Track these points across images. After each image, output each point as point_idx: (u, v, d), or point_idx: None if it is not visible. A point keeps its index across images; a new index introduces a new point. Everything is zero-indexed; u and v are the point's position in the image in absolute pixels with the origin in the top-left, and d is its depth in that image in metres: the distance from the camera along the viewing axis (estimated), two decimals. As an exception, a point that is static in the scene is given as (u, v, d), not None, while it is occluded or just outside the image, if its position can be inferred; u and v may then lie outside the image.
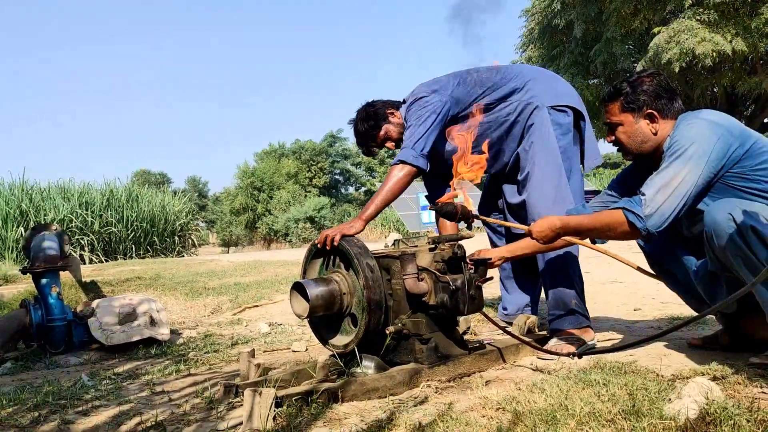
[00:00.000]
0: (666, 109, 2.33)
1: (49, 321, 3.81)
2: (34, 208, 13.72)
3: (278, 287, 6.05)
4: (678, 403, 1.65)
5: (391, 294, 2.53)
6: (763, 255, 1.98)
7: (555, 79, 3.14)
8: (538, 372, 2.45)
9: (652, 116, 2.33)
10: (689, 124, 2.21)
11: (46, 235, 4.20)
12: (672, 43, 13.03)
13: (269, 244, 32.73)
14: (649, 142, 2.35)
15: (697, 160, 2.11)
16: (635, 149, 2.40)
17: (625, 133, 2.39)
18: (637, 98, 2.33)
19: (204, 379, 2.79)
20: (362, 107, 3.21)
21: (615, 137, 2.43)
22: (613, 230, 2.24)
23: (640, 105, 2.33)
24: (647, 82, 2.34)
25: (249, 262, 8.69)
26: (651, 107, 2.32)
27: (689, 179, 2.12)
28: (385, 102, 3.18)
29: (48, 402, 2.51)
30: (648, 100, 2.32)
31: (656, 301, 4.06)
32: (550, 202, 2.89)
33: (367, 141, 3.21)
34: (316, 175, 39.71)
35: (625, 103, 2.35)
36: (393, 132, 3.14)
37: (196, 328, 4.63)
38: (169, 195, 18.65)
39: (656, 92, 2.33)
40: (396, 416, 1.93)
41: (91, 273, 7.76)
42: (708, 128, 2.16)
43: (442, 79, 3.04)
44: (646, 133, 2.35)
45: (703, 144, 2.13)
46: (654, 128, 2.34)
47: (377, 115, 3.14)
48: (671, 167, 2.15)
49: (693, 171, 2.11)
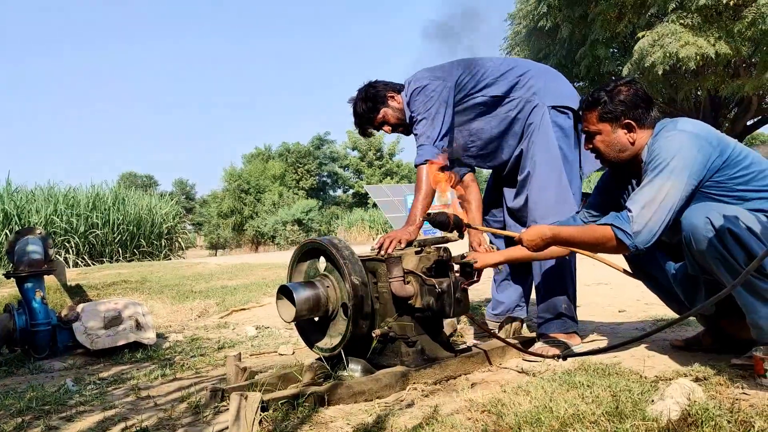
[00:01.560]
0: (643, 118, 2.35)
1: (33, 326, 3.77)
2: (18, 211, 13.58)
3: (265, 290, 6.04)
4: (660, 405, 1.67)
5: (377, 297, 2.54)
6: (741, 257, 2.02)
7: (557, 77, 3.12)
8: (523, 374, 2.47)
9: (630, 126, 2.35)
10: (668, 137, 2.23)
11: (30, 239, 4.17)
12: (656, 47, 13.15)
13: (257, 246, 32.59)
14: (627, 151, 2.38)
15: (680, 174, 2.14)
16: (613, 158, 2.42)
17: (603, 142, 2.41)
18: (614, 108, 2.35)
19: (190, 383, 2.78)
20: (363, 87, 3.15)
21: (593, 145, 2.45)
22: (602, 245, 2.26)
23: (618, 115, 2.35)
24: (624, 92, 2.36)
25: (236, 265, 8.66)
26: (628, 117, 2.35)
27: (673, 193, 2.14)
28: (387, 84, 3.13)
29: (32, 407, 2.49)
30: (625, 110, 2.35)
31: (641, 303, 4.10)
32: (551, 202, 2.89)
33: (364, 122, 3.16)
34: (303, 178, 39.59)
35: (603, 112, 2.37)
36: (391, 116, 3.10)
37: (182, 332, 4.61)
38: (156, 197, 18.52)
39: (633, 102, 2.35)
40: (382, 419, 1.93)
41: (77, 277, 7.69)
42: (688, 140, 2.18)
43: (446, 66, 3.02)
44: (623, 142, 2.38)
45: (684, 157, 2.15)
46: (632, 138, 2.36)
47: (377, 98, 3.09)
48: (655, 182, 2.17)
49: (676, 185, 2.14)
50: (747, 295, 2.04)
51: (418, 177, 2.87)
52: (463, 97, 2.97)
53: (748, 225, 2.04)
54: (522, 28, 18.09)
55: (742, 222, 2.03)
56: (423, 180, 2.83)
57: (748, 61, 15.08)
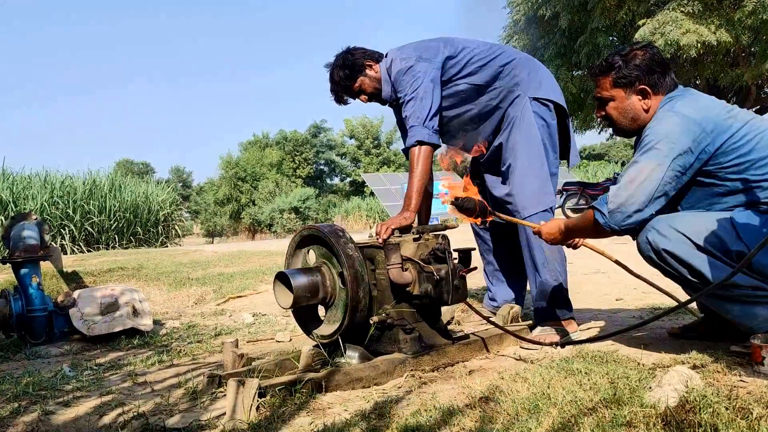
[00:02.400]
0: (658, 84, 2.25)
1: (29, 311, 3.76)
2: (14, 197, 13.52)
3: (262, 277, 6.03)
4: (658, 392, 1.67)
5: (375, 284, 2.53)
6: (685, 272, 2.07)
7: (540, 69, 3.09)
8: (521, 361, 2.47)
9: (645, 92, 2.26)
10: (662, 117, 2.17)
11: (26, 225, 4.14)
12: (657, 35, 13.10)
13: (254, 234, 32.56)
14: (641, 118, 2.29)
15: (664, 157, 2.08)
16: (626, 126, 2.34)
17: (616, 109, 2.32)
18: (629, 73, 2.25)
19: (187, 369, 2.78)
20: (341, 53, 3.07)
21: (605, 112, 2.36)
22: (589, 228, 2.28)
23: (632, 80, 2.26)
24: (640, 56, 2.26)
25: (233, 253, 8.65)
26: (643, 82, 2.25)
27: (655, 176, 2.09)
28: (365, 52, 3.05)
29: (28, 393, 2.48)
30: (640, 75, 2.25)
31: (638, 291, 4.10)
32: (535, 192, 2.89)
33: (340, 90, 3.09)
34: (300, 166, 39.50)
35: (617, 77, 2.28)
36: (368, 85, 3.03)
37: (179, 319, 4.61)
38: (153, 185, 18.46)
39: (649, 66, 2.25)
40: (380, 406, 1.93)
41: (73, 263, 7.67)
42: (679, 124, 2.11)
43: (432, 45, 2.94)
44: (637, 109, 2.28)
45: (672, 141, 2.09)
46: (646, 104, 2.27)
47: (354, 65, 3.00)
48: (638, 163, 2.13)
49: (658, 168, 2.08)
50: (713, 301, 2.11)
51: (410, 160, 2.81)
52: (445, 81, 2.91)
53: (695, 240, 2.05)
54: (521, 16, 17.98)
55: (679, 235, 2.06)
56: (416, 164, 2.78)
57: (748, 51, 15.04)
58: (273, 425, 1.83)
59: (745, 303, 2.05)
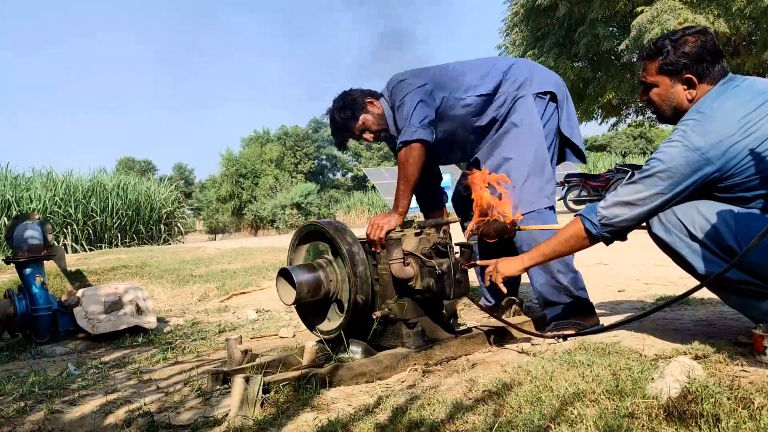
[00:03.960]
0: (706, 74, 2.15)
1: (33, 311, 3.78)
2: (16, 197, 13.55)
3: (265, 274, 6.05)
4: (660, 383, 1.67)
5: (377, 279, 2.54)
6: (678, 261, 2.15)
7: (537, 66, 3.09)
8: (523, 354, 2.48)
9: (691, 82, 2.17)
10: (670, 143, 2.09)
11: (29, 224, 4.16)
12: (654, 23, 13.04)
13: (256, 230, 32.60)
14: (683, 108, 2.19)
15: (662, 188, 2.08)
16: (667, 114, 2.26)
17: (659, 96, 2.24)
18: (677, 60, 2.16)
19: (191, 366, 2.79)
20: (339, 96, 3.05)
21: (648, 98, 2.29)
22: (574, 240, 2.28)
23: (679, 68, 2.16)
24: (691, 43, 2.16)
25: (236, 249, 8.66)
26: (690, 71, 2.15)
27: (650, 202, 2.11)
28: (363, 91, 3.03)
29: (34, 392, 2.50)
30: (689, 64, 2.15)
31: (640, 283, 4.11)
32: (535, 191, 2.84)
33: (343, 131, 3.05)
34: (301, 161, 39.52)
35: (664, 64, 2.19)
36: (371, 122, 2.99)
37: (183, 316, 4.62)
38: (155, 182, 18.48)
39: (699, 55, 2.14)
40: (383, 400, 1.94)
41: (77, 262, 7.70)
42: (683, 155, 2.05)
43: (424, 72, 2.95)
44: (680, 98, 2.20)
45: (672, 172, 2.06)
46: (690, 94, 2.18)
47: (355, 104, 2.97)
48: (639, 184, 2.13)
49: (655, 196, 2.09)
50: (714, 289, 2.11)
51: (399, 161, 2.77)
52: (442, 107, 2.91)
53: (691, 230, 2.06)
54: (520, 8, 17.92)
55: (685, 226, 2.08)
56: (403, 166, 2.75)
57: (748, 39, 14.97)
58: (278, 421, 1.84)
59: (742, 295, 2.06)
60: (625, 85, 15.77)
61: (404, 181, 2.76)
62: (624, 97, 16.73)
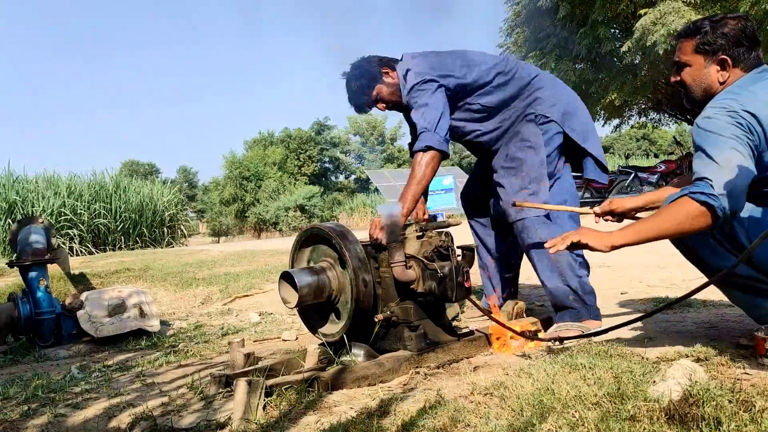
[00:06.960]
0: (741, 58, 2.11)
1: (37, 314, 3.80)
2: (21, 200, 13.60)
3: (268, 276, 6.05)
4: (662, 385, 1.68)
5: (379, 282, 2.55)
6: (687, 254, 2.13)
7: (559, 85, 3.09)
8: (525, 357, 2.48)
9: (725, 63, 2.12)
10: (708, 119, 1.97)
11: (33, 228, 4.18)
12: (658, 25, 13.02)
13: (259, 233, 32.59)
14: (713, 90, 2.14)
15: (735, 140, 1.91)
16: (697, 95, 2.19)
17: (691, 76, 2.19)
18: (714, 40, 2.12)
19: (195, 370, 2.80)
20: (357, 63, 3.04)
21: (680, 78, 2.23)
22: (683, 220, 1.93)
23: (716, 49, 2.12)
24: (731, 25, 2.12)
25: (239, 252, 8.68)
26: (726, 53, 2.11)
27: (738, 159, 1.90)
28: (381, 59, 3.02)
29: (38, 395, 2.51)
30: (725, 45, 2.11)
31: (643, 285, 4.10)
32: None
33: (358, 99, 3.05)
34: (304, 164, 39.53)
35: (700, 43, 2.14)
36: (385, 93, 3.00)
37: (186, 319, 4.63)
38: (158, 185, 18.50)
39: (737, 38, 2.10)
40: (386, 403, 1.95)
41: (80, 265, 7.71)
42: (728, 118, 1.95)
43: (448, 62, 2.92)
44: (712, 80, 2.15)
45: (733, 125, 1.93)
46: (723, 76, 2.13)
47: (371, 74, 2.98)
48: (704, 157, 1.93)
49: (738, 152, 1.90)
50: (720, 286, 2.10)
51: (414, 162, 2.78)
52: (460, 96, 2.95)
53: None
54: (521, 9, 17.93)
55: None
56: (419, 167, 2.76)
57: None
58: (280, 424, 1.85)
59: (747, 291, 2.06)
60: (627, 86, 15.74)
61: (416, 183, 2.76)
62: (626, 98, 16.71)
